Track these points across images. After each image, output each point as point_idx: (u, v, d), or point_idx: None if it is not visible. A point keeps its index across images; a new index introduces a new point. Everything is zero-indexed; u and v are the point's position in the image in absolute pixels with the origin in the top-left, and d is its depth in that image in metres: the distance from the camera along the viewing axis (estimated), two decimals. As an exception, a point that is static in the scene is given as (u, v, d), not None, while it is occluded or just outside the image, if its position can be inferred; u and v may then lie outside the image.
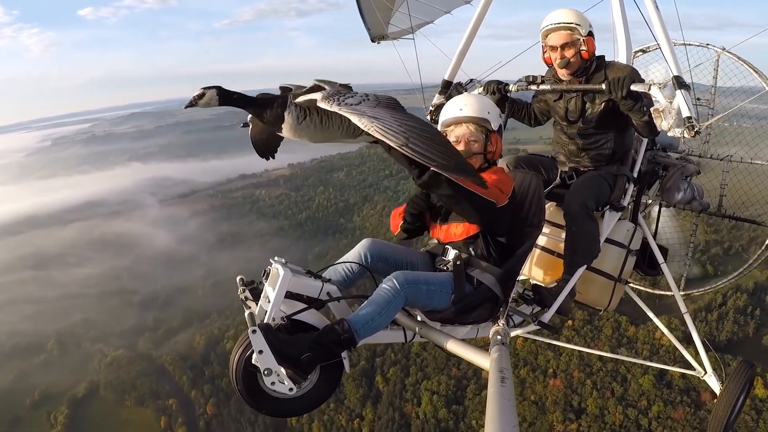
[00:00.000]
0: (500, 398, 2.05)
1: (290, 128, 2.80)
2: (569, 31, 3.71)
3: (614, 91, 3.45)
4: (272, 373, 2.45)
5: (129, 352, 71.98)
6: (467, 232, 3.14)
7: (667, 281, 4.83)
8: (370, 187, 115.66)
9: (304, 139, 2.92)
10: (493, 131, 3.26)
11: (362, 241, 3.28)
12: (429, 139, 2.33)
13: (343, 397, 55.24)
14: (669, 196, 4.75)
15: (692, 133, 3.47)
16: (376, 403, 54.04)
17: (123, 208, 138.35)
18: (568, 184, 4.02)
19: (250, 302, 2.95)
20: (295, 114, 2.76)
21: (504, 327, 2.99)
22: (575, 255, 3.63)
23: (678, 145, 5.10)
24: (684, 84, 3.55)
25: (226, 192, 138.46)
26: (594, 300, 4.15)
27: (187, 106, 2.64)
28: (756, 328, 52.20)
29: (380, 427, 51.46)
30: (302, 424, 53.11)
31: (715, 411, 4.64)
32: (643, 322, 50.55)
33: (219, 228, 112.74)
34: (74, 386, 65.60)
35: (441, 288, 2.95)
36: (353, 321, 2.62)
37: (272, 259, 2.87)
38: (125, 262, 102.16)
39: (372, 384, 56.20)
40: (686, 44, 5.34)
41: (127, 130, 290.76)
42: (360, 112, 2.44)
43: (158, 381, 65.19)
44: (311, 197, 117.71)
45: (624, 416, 44.74)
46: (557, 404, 46.96)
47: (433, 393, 52.09)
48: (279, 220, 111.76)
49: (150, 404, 62.06)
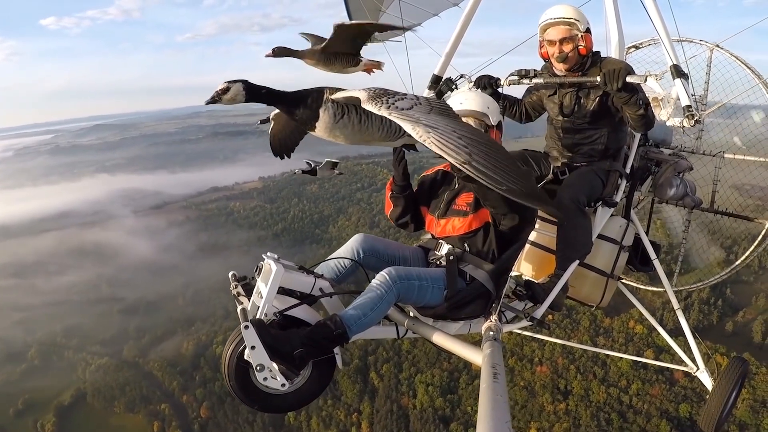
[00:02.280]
0: (493, 394, 2.04)
1: (325, 127, 2.63)
2: (568, 26, 3.73)
3: (609, 83, 3.39)
4: (265, 368, 2.45)
5: (114, 360, 71.63)
6: (469, 226, 3.15)
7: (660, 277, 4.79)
8: (343, 200, 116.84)
9: (339, 140, 2.78)
10: (492, 126, 3.28)
11: (354, 236, 3.27)
12: (494, 158, 2.13)
13: (339, 393, 56.60)
14: (662, 191, 4.75)
15: (692, 122, 3.48)
16: (373, 398, 55.77)
17: (97, 218, 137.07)
18: (561, 180, 4.00)
19: (243, 298, 2.95)
20: (331, 112, 2.59)
21: (496, 323, 2.95)
22: (567, 250, 3.61)
23: (671, 140, 5.08)
24: (682, 73, 3.57)
25: (199, 204, 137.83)
26: (586, 296, 4.14)
27: (208, 102, 2.47)
28: (719, 316, 58.38)
29: (380, 419, 53.32)
30: (300, 421, 54.14)
31: (708, 407, 4.61)
32: (617, 314, 55.66)
33: (198, 238, 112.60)
34: (59, 394, 65.10)
35: (433, 284, 2.95)
36: (345, 317, 2.62)
37: (265, 255, 2.86)
38: (107, 270, 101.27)
39: (367, 380, 57.57)
40: (680, 41, 5.35)
41: (91, 141, 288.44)
42: (414, 119, 2.23)
43: (148, 387, 64.93)
44: (286, 209, 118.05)
45: (607, 395, 49.32)
46: (545, 388, 50.88)
47: (427, 385, 54.00)
48: (256, 231, 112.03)
49: (141, 410, 61.75)
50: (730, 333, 55.02)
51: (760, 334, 54.75)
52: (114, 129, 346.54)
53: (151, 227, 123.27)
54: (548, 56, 3.93)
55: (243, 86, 2.47)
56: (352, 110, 2.61)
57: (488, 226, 3.17)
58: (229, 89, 2.45)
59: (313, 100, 2.58)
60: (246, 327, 2.40)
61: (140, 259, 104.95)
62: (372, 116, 2.63)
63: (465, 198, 3.23)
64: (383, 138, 2.80)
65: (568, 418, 48.47)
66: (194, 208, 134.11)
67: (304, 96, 2.60)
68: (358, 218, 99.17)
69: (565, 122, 4.03)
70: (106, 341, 77.13)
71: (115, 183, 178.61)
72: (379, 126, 2.70)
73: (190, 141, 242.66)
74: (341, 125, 2.62)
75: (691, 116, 3.52)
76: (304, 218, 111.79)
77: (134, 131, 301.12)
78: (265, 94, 2.57)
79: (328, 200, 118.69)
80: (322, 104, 2.57)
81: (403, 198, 3.41)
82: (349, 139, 2.75)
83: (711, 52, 5.36)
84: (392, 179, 3.42)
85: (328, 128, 2.63)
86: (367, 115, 2.63)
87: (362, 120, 2.64)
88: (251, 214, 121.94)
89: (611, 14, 4.29)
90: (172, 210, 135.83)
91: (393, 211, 3.49)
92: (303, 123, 2.66)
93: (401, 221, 3.52)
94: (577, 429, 47.74)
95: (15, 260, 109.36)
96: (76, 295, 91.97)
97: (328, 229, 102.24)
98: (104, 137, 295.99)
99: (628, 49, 5.59)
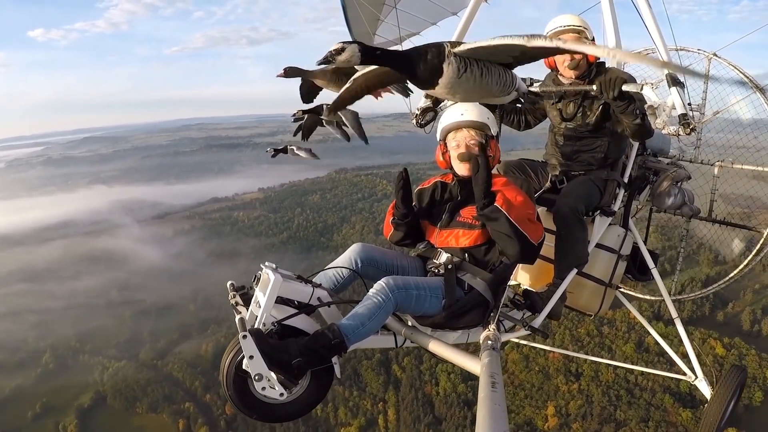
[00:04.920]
0: (491, 403, 2.04)
1: (448, 83, 2.54)
2: (578, 33, 3.75)
3: (605, 91, 3.35)
4: (263, 378, 2.45)
5: (133, 363, 72.63)
6: (475, 240, 3.12)
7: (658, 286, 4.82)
8: (345, 209, 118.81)
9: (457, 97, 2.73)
10: (492, 137, 3.24)
11: (353, 245, 3.26)
12: None
13: (364, 384, 60.31)
14: (660, 201, 4.74)
15: (687, 130, 3.51)
16: (397, 388, 59.26)
17: (100, 227, 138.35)
18: (559, 189, 3.98)
19: (241, 307, 2.96)
20: (455, 66, 2.50)
21: (495, 332, 2.94)
22: (565, 259, 3.61)
23: (669, 150, 5.08)
24: (678, 81, 3.56)
25: (202, 214, 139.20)
26: (584, 305, 4.13)
27: (320, 63, 2.40)
28: (711, 308, 64.23)
29: (405, 405, 56.81)
30: (327, 413, 57.16)
31: (706, 415, 4.60)
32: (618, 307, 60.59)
33: (207, 245, 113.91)
34: (77, 397, 66.09)
35: (432, 293, 2.95)
36: (343, 326, 2.61)
37: (263, 264, 2.87)
38: (120, 275, 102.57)
39: (390, 372, 61.04)
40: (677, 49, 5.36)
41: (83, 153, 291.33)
42: None
43: (170, 387, 65.97)
44: (290, 218, 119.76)
45: (614, 375, 54.62)
46: (559, 371, 56.01)
47: (449, 373, 56.85)
48: (262, 239, 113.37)
49: (164, 409, 62.91)
50: (721, 322, 61.05)
51: (748, 322, 61.21)
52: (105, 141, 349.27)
53: (158, 235, 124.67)
54: (554, 65, 3.93)
55: (359, 48, 2.39)
56: (473, 64, 2.56)
57: (494, 242, 3.09)
58: (344, 50, 2.36)
59: (433, 55, 2.51)
60: (244, 336, 2.39)
61: (152, 265, 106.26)
62: (492, 69, 2.63)
63: (470, 210, 3.15)
64: (500, 92, 2.81)
65: (581, 396, 53.88)
66: (198, 218, 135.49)
67: (422, 52, 2.52)
68: (362, 226, 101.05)
69: (567, 130, 4.02)
70: (121, 345, 78.24)
71: (112, 194, 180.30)
72: (497, 80, 2.70)
73: (184, 153, 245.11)
74: (464, 80, 2.57)
75: (687, 125, 3.52)
76: (309, 227, 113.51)
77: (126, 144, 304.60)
78: (380, 55, 2.51)
79: (331, 210, 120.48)
80: (445, 59, 2.51)
81: (405, 225, 3.30)
82: (468, 95, 2.76)
83: (709, 61, 5.34)
84: (394, 203, 3.30)
85: (450, 84, 2.57)
86: (488, 69, 2.61)
87: (483, 74, 2.61)
88: (255, 223, 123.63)
89: (609, 23, 4.26)
90: (176, 220, 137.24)
91: (393, 235, 3.38)
92: (423, 81, 2.59)
93: (401, 244, 3.45)
94: (591, 405, 52.80)
95: (24, 267, 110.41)
96: (93, 299, 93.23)
97: (333, 237, 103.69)
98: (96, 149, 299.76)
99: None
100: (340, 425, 57.59)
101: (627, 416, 51.09)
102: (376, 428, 57.17)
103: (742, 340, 57.30)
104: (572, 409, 53.68)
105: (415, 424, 55.30)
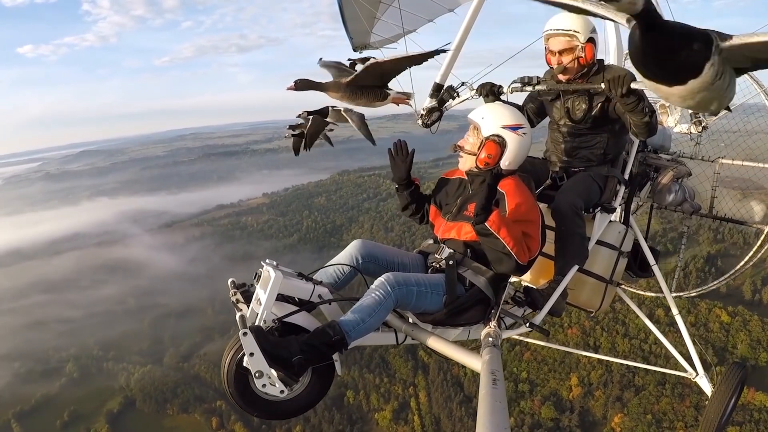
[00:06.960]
0: (492, 400, 2.04)
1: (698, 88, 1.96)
2: (568, 38, 3.68)
3: (614, 89, 3.32)
4: (263, 375, 2.45)
5: (158, 367, 73.75)
6: (476, 236, 3.07)
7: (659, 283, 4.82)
8: (352, 209, 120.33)
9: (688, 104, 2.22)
10: None
11: (353, 242, 3.27)
12: None
13: (393, 371, 63.57)
14: (660, 197, 4.75)
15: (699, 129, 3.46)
16: (426, 372, 62.34)
17: (111, 237, 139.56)
18: (559, 185, 3.99)
19: (242, 305, 2.95)
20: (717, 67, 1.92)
21: (495, 329, 2.95)
22: (565, 256, 3.61)
23: (669, 146, 5.06)
24: None
25: (210, 221, 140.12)
26: (585, 302, 4.11)
27: None
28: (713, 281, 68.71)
29: (436, 387, 59.91)
30: (360, 400, 60.60)
31: (707, 413, 4.57)
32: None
33: (221, 250, 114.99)
34: (105, 403, 67.01)
35: (432, 289, 2.95)
36: (344, 323, 2.61)
37: (263, 262, 2.87)
38: (139, 282, 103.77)
39: (417, 357, 63.14)
40: None
41: (81, 167, 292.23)
42: None
43: (200, 387, 66.95)
44: (299, 221, 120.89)
45: (630, 345, 58.84)
46: (578, 345, 57.43)
47: None
48: (273, 242, 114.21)
49: (196, 409, 63.96)
50: (724, 294, 63.63)
51: (749, 292, 66.20)
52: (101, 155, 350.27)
53: (170, 243, 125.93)
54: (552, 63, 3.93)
55: None
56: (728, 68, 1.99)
57: None
58: None
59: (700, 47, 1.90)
60: (245, 334, 2.39)
61: (168, 271, 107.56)
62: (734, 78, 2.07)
63: None
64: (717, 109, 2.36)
65: (600, 366, 57.69)
66: (206, 225, 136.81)
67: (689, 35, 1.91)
68: (371, 225, 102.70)
69: (566, 126, 4.01)
70: (144, 350, 79.56)
71: (116, 205, 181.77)
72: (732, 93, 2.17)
73: (183, 163, 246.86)
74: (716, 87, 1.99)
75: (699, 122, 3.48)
76: (318, 228, 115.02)
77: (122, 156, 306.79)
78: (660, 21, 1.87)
79: (338, 211, 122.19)
80: (710, 56, 1.91)
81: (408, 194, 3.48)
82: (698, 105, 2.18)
83: None
84: None
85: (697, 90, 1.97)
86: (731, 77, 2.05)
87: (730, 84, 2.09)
88: (265, 227, 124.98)
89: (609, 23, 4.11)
90: (185, 227, 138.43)
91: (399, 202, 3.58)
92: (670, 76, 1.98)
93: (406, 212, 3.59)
94: (610, 374, 57.18)
95: (41, 279, 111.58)
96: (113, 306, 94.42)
97: (343, 236, 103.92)
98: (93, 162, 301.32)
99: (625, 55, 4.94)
100: (373, 411, 60.83)
101: (645, 381, 55.14)
102: (408, 411, 59.88)
103: (744, 307, 62.30)
104: (594, 378, 58.04)
105: (447, 403, 58.37)
